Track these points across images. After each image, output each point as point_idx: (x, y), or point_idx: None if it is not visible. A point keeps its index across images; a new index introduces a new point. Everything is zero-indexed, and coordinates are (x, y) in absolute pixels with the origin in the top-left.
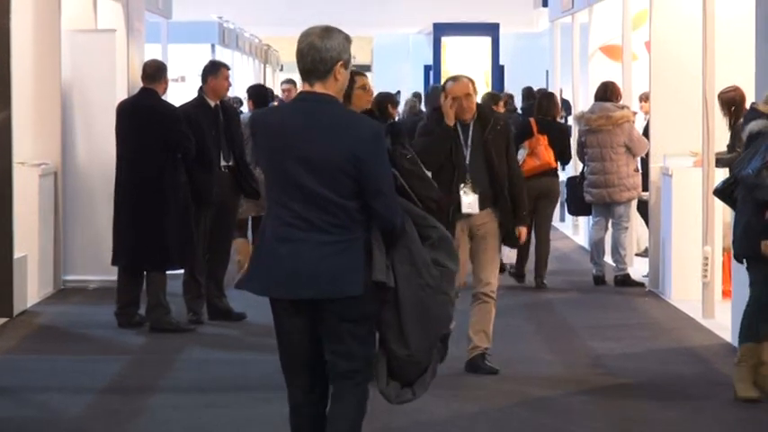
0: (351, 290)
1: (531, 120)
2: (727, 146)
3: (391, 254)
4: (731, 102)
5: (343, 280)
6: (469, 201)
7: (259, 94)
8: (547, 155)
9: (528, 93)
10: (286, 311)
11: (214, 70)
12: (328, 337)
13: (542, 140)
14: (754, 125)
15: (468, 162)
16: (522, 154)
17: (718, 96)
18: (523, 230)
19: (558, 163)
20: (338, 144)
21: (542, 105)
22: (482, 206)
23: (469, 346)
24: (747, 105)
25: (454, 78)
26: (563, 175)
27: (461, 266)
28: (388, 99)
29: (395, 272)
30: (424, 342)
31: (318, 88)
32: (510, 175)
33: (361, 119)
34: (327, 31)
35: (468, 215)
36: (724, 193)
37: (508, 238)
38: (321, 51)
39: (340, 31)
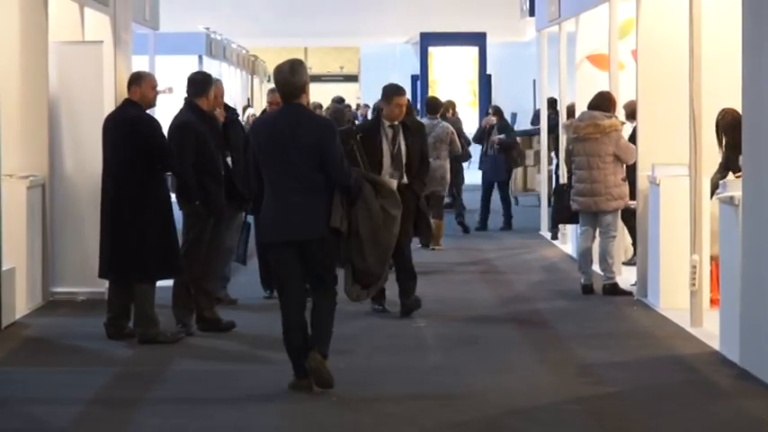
0: (319, 234)
1: None
2: (720, 164)
3: (355, 205)
4: (734, 125)
5: (315, 227)
6: None
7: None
8: None
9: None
10: (281, 249)
11: (204, 91)
12: (309, 264)
13: None
14: None
15: None
16: None
17: (718, 123)
18: None
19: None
20: (311, 134)
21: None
22: None
23: None
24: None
25: None
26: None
27: None
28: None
29: (357, 216)
30: (377, 259)
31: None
32: None
33: (323, 119)
34: (293, 68)
35: None
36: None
37: None
38: (294, 84)
39: (301, 63)
